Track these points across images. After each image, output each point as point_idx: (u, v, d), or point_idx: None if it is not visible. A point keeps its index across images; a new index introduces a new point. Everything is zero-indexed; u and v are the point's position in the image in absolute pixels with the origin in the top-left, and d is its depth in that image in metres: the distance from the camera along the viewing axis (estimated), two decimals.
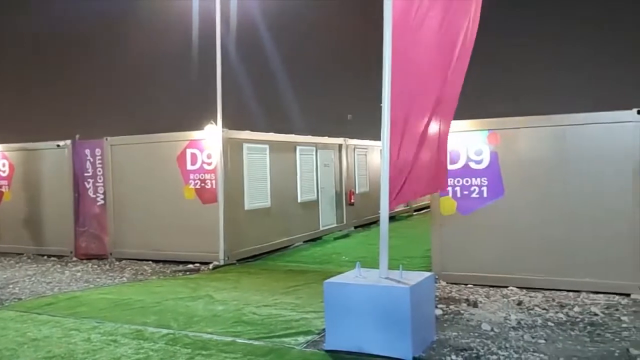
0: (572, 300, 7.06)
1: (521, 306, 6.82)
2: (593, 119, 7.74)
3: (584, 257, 7.58)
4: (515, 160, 8.10)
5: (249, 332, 6.12)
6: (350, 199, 14.43)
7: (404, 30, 5.61)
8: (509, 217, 8.06)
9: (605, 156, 7.56)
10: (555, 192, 7.82)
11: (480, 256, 8.18)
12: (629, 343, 5.35)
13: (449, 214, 8.46)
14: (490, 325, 6.02)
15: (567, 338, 5.58)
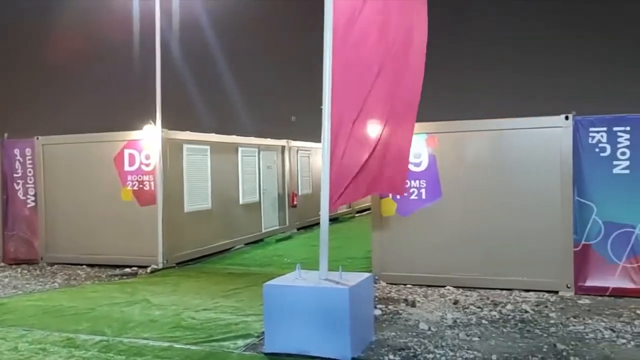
0: (505, 299, 7.32)
1: (457, 305, 7.01)
2: (526, 124, 8.07)
3: (517, 257, 7.88)
4: (452, 163, 8.32)
5: (187, 337, 5.99)
6: (293, 200, 14.42)
7: (344, 32, 5.64)
8: (447, 219, 8.28)
9: (537, 159, 7.89)
10: (490, 194, 8.09)
11: (418, 257, 8.36)
12: (556, 338, 5.60)
13: (389, 215, 8.59)
14: (427, 324, 6.15)
15: (500, 335, 5.78)
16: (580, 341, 5.50)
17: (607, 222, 7.55)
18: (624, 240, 7.48)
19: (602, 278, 7.54)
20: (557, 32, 20.54)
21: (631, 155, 7.48)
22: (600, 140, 7.62)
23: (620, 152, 7.54)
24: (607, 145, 7.58)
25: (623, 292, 7.36)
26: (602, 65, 19.87)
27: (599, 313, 6.52)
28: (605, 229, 7.56)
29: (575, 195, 7.67)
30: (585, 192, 7.66)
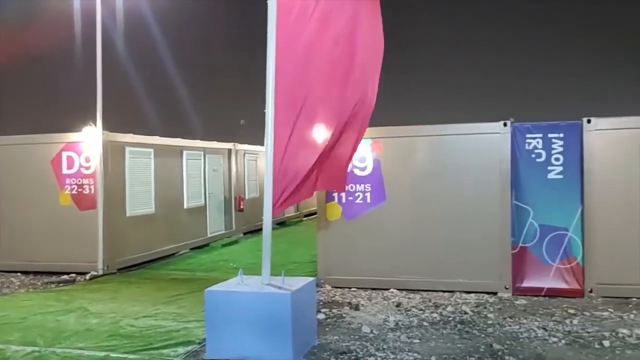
0: (446, 300, 7.48)
1: (400, 308, 7.10)
2: (466, 130, 8.29)
3: (458, 260, 8.07)
4: (396, 168, 8.45)
5: (125, 345, 5.81)
6: (240, 204, 14.28)
7: (289, 36, 5.64)
8: (391, 222, 8.39)
9: (477, 164, 8.11)
10: (432, 198, 8.26)
11: (363, 260, 8.43)
12: (493, 338, 5.77)
13: (334, 219, 8.63)
14: (370, 327, 6.20)
15: (439, 337, 5.89)
16: (515, 340, 5.69)
17: (543, 225, 7.85)
18: (558, 242, 7.79)
19: (538, 279, 7.82)
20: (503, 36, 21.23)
21: (564, 161, 7.80)
22: (536, 147, 7.92)
23: (555, 158, 7.85)
24: (543, 151, 7.89)
25: (557, 292, 7.66)
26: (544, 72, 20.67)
27: (533, 313, 6.75)
28: (540, 231, 7.86)
29: (513, 199, 7.94)
30: (523, 196, 7.94)
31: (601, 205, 7.61)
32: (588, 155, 7.68)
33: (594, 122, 7.71)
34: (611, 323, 6.22)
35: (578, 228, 7.71)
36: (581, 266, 7.65)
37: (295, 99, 5.75)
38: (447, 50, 21.44)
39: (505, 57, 21.04)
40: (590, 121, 7.71)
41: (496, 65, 21.04)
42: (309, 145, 5.89)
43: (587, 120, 7.72)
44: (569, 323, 6.25)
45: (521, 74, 20.68)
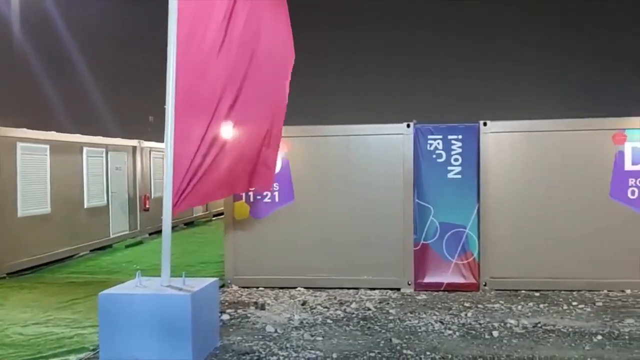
0: (351, 298, 7.60)
1: (305, 306, 7.14)
2: (372, 131, 8.48)
3: (363, 257, 8.23)
4: (304, 167, 8.49)
5: (10, 355, 5.40)
6: (145, 204, 13.75)
7: (191, 32, 5.50)
8: (299, 221, 8.41)
9: (382, 164, 8.32)
10: (339, 197, 8.37)
11: (271, 259, 8.39)
12: (392, 333, 5.93)
13: (242, 218, 8.53)
14: (274, 326, 6.18)
15: (342, 333, 5.98)
16: (413, 334, 5.89)
17: (443, 223, 8.19)
18: (456, 239, 8.16)
19: (438, 274, 8.15)
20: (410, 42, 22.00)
21: (463, 161, 8.18)
22: (437, 147, 8.25)
23: (454, 159, 8.22)
24: (443, 152, 8.23)
25: (455, 286, 8.03)
26: (446, 76, 21.66)
27: (432, 307, 7.03)
28: (440, 229, 8.19)
29: (415, 198, 8.22)
30: (424, 195, 8.24)
31: (495, 203, 8.06)
32: (484, 156, 8.10)
33: (490, 125, 8.15)
34: (501, 314, 6.60)
35: (475, 225, 8.12)
36: (477, 261, 8.07)
37: (208, 97, 5.64)
38: (355, 54, 21.94)
39: (411, 61, 21.83)
40: (486, 124, 8.14)
41: (402, 69, 21.78)
42: (225, 145, 5.80)
43: (484, 123, 8.15)
44: (464, 316, 6.56)
45: (425, 77, 21.54)
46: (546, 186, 8.03)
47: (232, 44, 5.84)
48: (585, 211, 7.94)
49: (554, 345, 5.52)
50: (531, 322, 6.22)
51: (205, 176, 5.69)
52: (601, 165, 7.94)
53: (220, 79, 5.79)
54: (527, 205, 8.06)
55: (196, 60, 5.60)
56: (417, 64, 21.59)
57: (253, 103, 6.12)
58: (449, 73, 21.45)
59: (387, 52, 21.79)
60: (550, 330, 5.98)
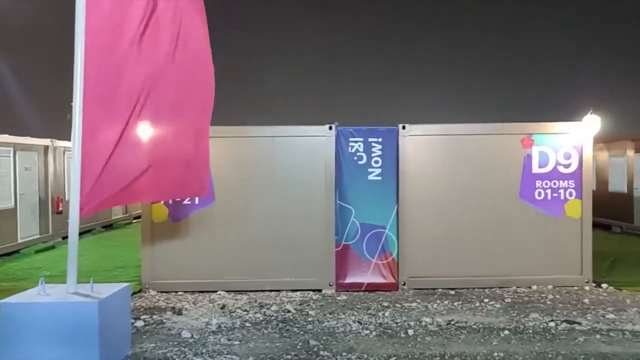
0: (272, 300, 7.55)
1: (224, 310, 7.01)
2: (294, 132, 8.46)
3: (285, 259, 8.20)
4: (226, 168, 8.34)
5: None
6: (58, 206, 13.03)
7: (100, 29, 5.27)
8: (219, 223, 8.26)
9: (305, 166, 8.32)
10: (261, 198, 8.30)
11: (190, 262, 8.18)
12: (310, 335, 5.93)
13: (160, 221, 8.27)
14: (190, 332, 6.02)
15: (260, 337, 5.91)
16: (331, 335, 5.91)
17: (363, 224, 8.31)
18: (376, 239, 8.30)
19: (359, 275, 8.26)
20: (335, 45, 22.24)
21: (383, 164, 8.34)
22: (358, 150, 8.36)
23: (374, 161, 8.36)
24: (364, 154, 8.35)
25: (375, 286, 8.16)
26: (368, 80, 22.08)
27: (351, 307, 7.10)
28: (361, 229, 8.31)
29: (337, 199, 8.29)
30: (345, 196, 8.33)
31: (413, 204, 8.27)
32: (403, 159, 8.30)
33: (408, 128, 8.36)
34: (417, 313, 6.77)
35: (394, 226, 8.29)
36: (396, 261, 8.24)
37: (124, 97, 5.43)
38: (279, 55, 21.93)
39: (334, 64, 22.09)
40: (405, 127, 8.35)
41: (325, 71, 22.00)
42: (144, 146, 5.59)
43: (402, 127, 8.35)
44: (382, 315, 6.67)
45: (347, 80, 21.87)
46: (461, 188, 8.34)
47: (152, 44, 5.67)
48: (497, 211, 8.31)
49: (464, 341, 5.72)
50: (445, 320, 6.43)
51: (118, 177, 5.45)
52: (511, 167, 8.34)
53: (138, 78, 5.58)
54: (444, 206, 8.33)
55: (111, 58, 5.38)
56: (341, 66, 21.90)
57: (176, 104, 5.97)
58: (371, 76, 21.90)
59: (310, 54, 21.95)
60: (462, 327, 6.20)
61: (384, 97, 21.13)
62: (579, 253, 8.26)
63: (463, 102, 20.71)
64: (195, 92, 6.19)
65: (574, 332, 5.95)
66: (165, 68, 5.80)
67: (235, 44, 19.69)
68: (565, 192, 8.31)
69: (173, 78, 5.87)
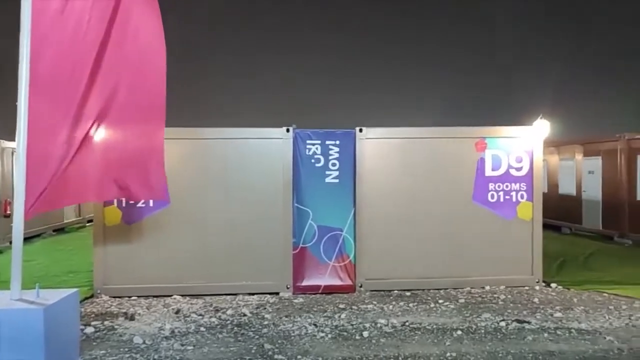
0: (228, 304, 7.47)
1: (179, 314, 6.89)
2: (251, 134, 8.40)
3: (242, 262, 8.13)
4: (181, 170, 8.21)
5: None
6: (6, 210, 12.55)
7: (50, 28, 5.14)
8: (174, 226, 8.12)
9: (262, 168, 8.27)
10: (217, 201, 8.20)
11: (145, 267, 8.02)
12: (266, 339, 5.90)
13: (113, 224, 8.08)
14: (142, 337, 5.89)
15: (214, 341, 5.84)
16: (286, 339, 5.89)
17: (321, 226, 8.32)
18: (334, 242, 8.33)
19: (316, 277, 8.26)
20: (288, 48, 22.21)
21: (340, 167, 8.37)
22: (316, 152, 8.37)
23: (332, 163, 8.38)
24: (321, 157, 8.37)
25: (332, 289, 8.18)
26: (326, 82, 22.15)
27: (308, 310, 7.10)
28: (319, 232, 8.31)
29: (294, 202, 8.28)
30: (303, 198, 8.32)
31: (370, 207, 8.33)
32: (360, 162, 8.35)
33: (365, 131, 8.42)
34: (373, 315, 6.82)
35: (351, 228, 8.33)
36: (353, 264, 8.28)
37: (72, 96, 5.31)
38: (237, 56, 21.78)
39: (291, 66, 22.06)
40: (362, 130, 8.41)
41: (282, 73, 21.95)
42: (91, 146, 5.47)
43: (359, 129, 8.40)
44: (338, 317, 6.69)
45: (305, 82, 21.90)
46: (417, 190, 8.45)
47: (102, 43, 5.54)
48: (451, 214, 8.45)
49: (418, 342, 5.79)
50: (400, 321, 6.49)
51: (67, 178, 5.30)
52: (466, 170, 8.51)
53: (84, 77, 5.45)
54: (400, 208, 8.42)
55: (57, 58, 5.24)
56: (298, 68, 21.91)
57: (125, 104, 5.84)
58: (329, 78, 21.99)
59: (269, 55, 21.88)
60: (417, 328, 6.28)
61: (342, 100, 21.25)
62: (530, 254, 8.49)
63: (420, 105, 21.04)
64: (146, 91, 6.05)
65: (523, 331, 6.11)
66: (114, 66, 5.67)
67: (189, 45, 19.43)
68: (517, 195, 8.53)
69: (122, 77, 5.75)
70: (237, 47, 21.76)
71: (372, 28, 22.61)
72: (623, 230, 12.78)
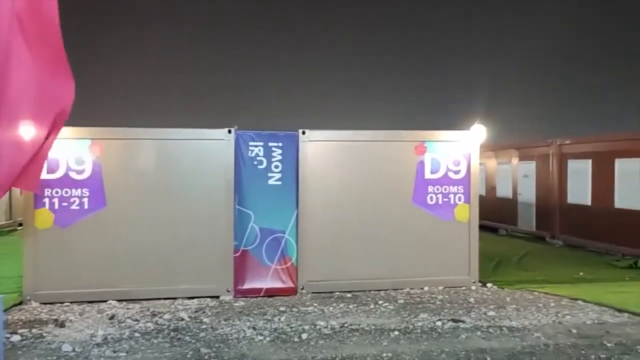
0: (166, 308, 7.30)
1: (113, 320, 6.68)
2: (191, 135, 8.26)
3: (182, 265, 7.98)
4: (119, 171, 7.99)
5: None
6: None
7: None
8: (111, 229, 7.88)
9: (202, 170, 8.14)
10: (157, 203, 8.01)
11: (78, 271, 7.74)
12: (202, 343, 5.80)
13: (45, 227, 7.75)
14: (72, 345, 5.67)
15: (149, 347, 5.69)
16: (224, 343, 5.81)
17: (263, 229, 8.26)
18: (276, 244, 8.29)
19: (258, 280, 8.20)
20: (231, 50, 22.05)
21: (283, 169, 8.35)
22: (258, 154, 8.32)
23: (274, 165, 8.35)
24: (264, 159, 8.32)
25: (274, 291, 8.14)
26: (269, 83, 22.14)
27: (248, 313, 7.03)
28: (261, 234, 8.26)
29: (236, 204, 8.19)
30: (245, 201, 8.25)
31: (313, 209, 8.35)
32: (303, 164, 8.36)
33: (308, 133, 8.43)
34: (313, 317, 6.83)
35: (294, 231, 8.32)
36: (295, 266, 8.27)
37: None
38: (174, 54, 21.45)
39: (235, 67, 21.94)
40: (305, 132, 8.42)
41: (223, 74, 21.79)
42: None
43: (302, 132, 8.41)
44: (277, 320, 6.66)
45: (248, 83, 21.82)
46: (358, 192, 8.54)
47: None
48: (392, 216, 8.58)
49: (356, 343, 5.84)
50: (339, 323, 6.53)
51: None
52: (406, 173, 8.66)
53: None
54: (342, 210, 8.48)
55: None
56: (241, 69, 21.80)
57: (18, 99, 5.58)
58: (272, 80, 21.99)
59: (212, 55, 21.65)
60: (355, 329, 6.33)
61: (286, 102, 21.28)
62: (467, 255, 8.73)
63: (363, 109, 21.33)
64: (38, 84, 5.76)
65: (458, 330, 6.27)
66: None
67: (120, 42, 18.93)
68: (455, 197, 8.76)
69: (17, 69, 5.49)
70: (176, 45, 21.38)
71: (318, 32, 22.75)
72: (554, 231, 13.37)
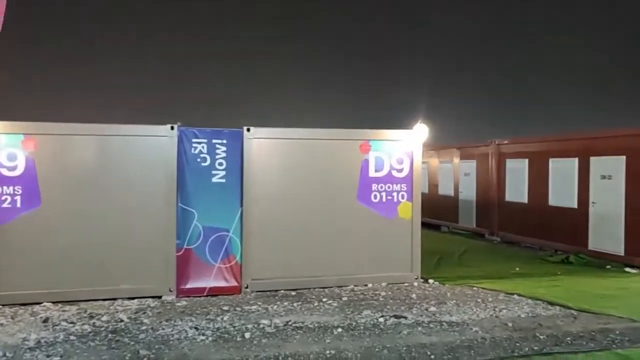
0: (105, 310, 7.08)
1: (47, 323, 6.41)
2: (131, 131, 8.03)
3: (121, 265, 7.75)
4: (55, 168, 7.67)
5: None
6: None
7: None
8: (45, 228, 7.57)
9: (143, 167, 7.93)
10: (94, 201, 7.75)
11: (9, 272, 7.39)
12: (142, 345, 5.65)
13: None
14: (3, 350, 5.43)
15: (85, 350, 5.50)
16: (165, 344, 5.69)
17: (206, 227, 8.14)
18: (220, 243, 8.19)
19: (201, 279, 8.07)
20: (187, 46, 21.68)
21: (227, 166, 8.25)
22: (202, 151, 8.19)
23: (218, 163, 8.24)
24: (208, 156, 8.19)
25: (218, 290, 8.04)
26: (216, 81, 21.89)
27: (190, 313, 6.91)
28: (204, 233, 8.13)
29: (178, 202, 8.03)
30: (188, 199, 8.10)
31: (257, 207, 8.29)
32: (247, 161, 8.28)
33: (253, 131, 8.37)
34: (256, 316, 6.79)
35: (238, 229, 8.24)
36: (239, 264, 8.20)
37: None
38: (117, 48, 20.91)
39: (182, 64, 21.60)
40: (250, 130, 8.35)
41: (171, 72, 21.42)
42: None
43: (247, 129, 8.34)
44: (220, 320, 6.58)
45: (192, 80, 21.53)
46: (303, 190, 8.55)
47: None
48: (336, 213, 8.64)
49: (299, 341, 5.84)
50: (283, 321, 6.52)
51: None
52: (350, 171, 8.74)
53: None
54: (286, 208, 8.47)
55: None
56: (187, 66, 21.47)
57: None
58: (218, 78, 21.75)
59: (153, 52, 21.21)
60: (299, 327, 6.34)
61: (232, 99, 21.08)
62: (409, 251, 8.90)
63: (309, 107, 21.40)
64: None
65: (400, 326, 6.38)
66: None
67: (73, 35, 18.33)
68: (398, 195, 8.91)
69: None
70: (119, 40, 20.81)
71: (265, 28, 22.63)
72: (493, 228, 13.85)
